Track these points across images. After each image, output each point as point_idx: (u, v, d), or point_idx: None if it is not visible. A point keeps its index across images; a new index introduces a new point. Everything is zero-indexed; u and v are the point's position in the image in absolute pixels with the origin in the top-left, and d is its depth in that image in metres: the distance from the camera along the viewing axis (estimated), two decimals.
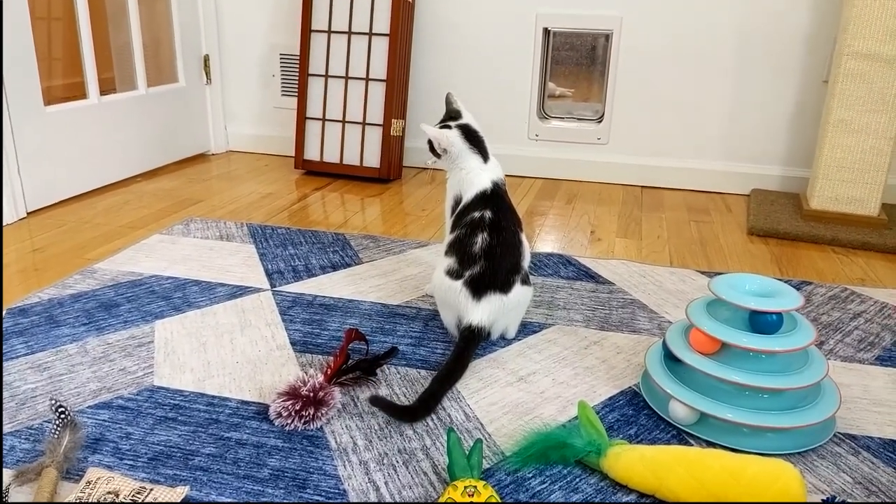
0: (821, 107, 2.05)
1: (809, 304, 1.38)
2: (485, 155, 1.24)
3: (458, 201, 1.21)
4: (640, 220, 1.92)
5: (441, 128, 1.24)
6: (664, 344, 1.04)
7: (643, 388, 1.06)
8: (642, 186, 2.26)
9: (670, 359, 1.02)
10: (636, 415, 1.00)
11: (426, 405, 0.99)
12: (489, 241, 1.12)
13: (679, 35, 2.12)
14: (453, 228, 1.19)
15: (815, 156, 1.92)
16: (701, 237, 1.79)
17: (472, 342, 1.10)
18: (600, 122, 2.26)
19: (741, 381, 0.93)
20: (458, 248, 1.14)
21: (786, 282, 1.44)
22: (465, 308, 1.11)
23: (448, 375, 1.04)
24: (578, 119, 2.30)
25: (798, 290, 1.42)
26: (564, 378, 1.09)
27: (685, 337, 1.02)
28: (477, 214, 1.15)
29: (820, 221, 1.85)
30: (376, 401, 0.97)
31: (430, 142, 1.25)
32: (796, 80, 2.07)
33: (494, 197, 1.18)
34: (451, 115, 1.28)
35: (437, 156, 1.24)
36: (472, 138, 1.24)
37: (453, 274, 1.13)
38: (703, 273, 1.52)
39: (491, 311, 1.11)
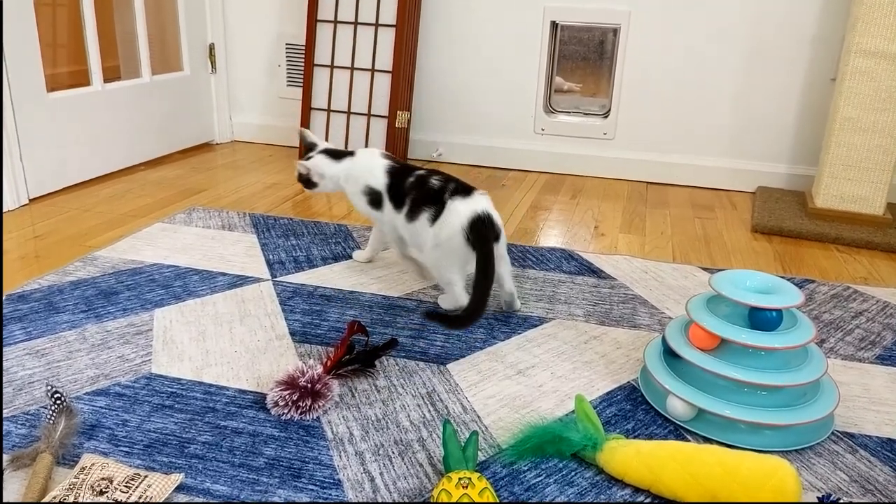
0: (828, 105, 2.03)
1: (811, 301, 1.37)
2: (350, 153, 1.41)
3: (371, 192, 1.34)
4: (644, 215, 1.91)
5: (306, 160, 1.40)
6: (663, 339, 1.03)
7: (641, 384, 1.05)
8: (647, 182, 2.24)
9: (669, 354, 1.02)
10: (634, 410, 1.00)
11: (474, 313, 1.11)
12: (434, 181, 1.27)
13: (687, 31, 2.10)
14: (405, 198, 1.29)
15: (822, 154, 1.90)
16: (705, 234, 1.78)
17: (488, 234, 1.17)
18: (607, 117, 2.25)
19: (739, 378, 0.92)
20: (425, 196, 1.25)
21: (788, 279, 1.43)
22: (459, 217, 1.19)
23: (483, 281, 1.12)
24: (585, 114, 2.29)
25: (800, 287, 1.42)
26: (563, 372, 1.09)
27: (685, 333, 1.01)
28: (412, 178, 1.30)
29: (824, 220, 1.83)
30: (430, 315, 1.11)
31: (301, 175, 1.40)
32: (803, 77, 2.06)
33: (399, 163, 1.37)
34: (310, 148, 1.44)
35: (315, 185, 1.40)
36: (334, 154, 1.41)
37: (437, 214, 1.23)
38: (705, 269, 1.52)
39: (471, 206, 1.20)
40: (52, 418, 0.88)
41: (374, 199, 1.34)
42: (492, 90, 2.30)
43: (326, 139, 2.25)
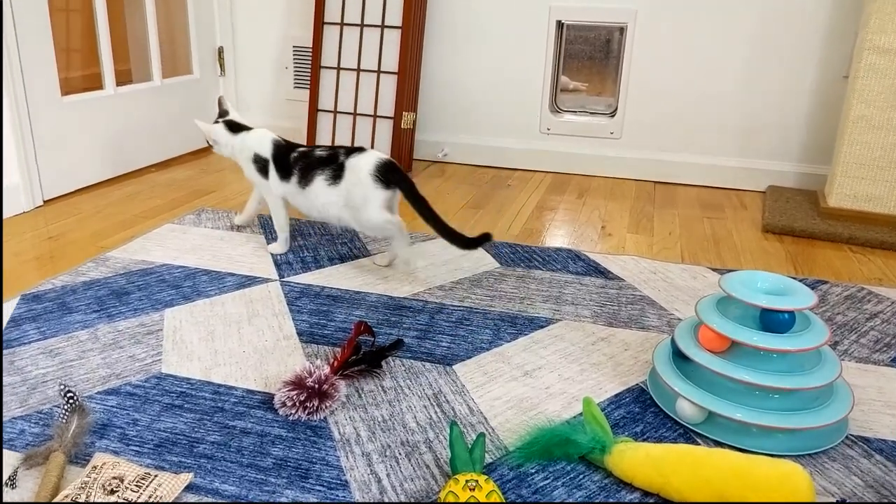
0: (840, 103, 2.02)
1: (824, 303, 1.36)
2: (248, 127, 1.58)
3: (260, 160, 1.51)
4: (652, 215, 1.90)
5: (212, 124, 1.59)
6: (673, 341, 1.03)
7: (650, 386, 1.05)
8: (655, 182, 2.23)
9: (679, 356, 1.01)
10: (643, 412, 1.00)
11: (454, 235, 1.36)
12: (320, 152, 1.46)
13: (695, 28, 2.09)
14: (293, 170, 1.47)
15: (834, 152, 1.89)
16: (714, 234, 1.76)
17: (397, 172, 1.38)
18: (613, 116, 2.24)
19: (751, 381, 0.91)
20: (316, 163, 1.44)
21: (801, 280, 1.42)
22: (362, 165, 1.38)
23: (426, 211, 1.37)
24: (591, 113, 2.28)
25: (813, 289, 1.40)
26: (570, 374, 1.09)
27: (694, 334, 1.01)
28: (295, 153, 1.48)
29: (837, 219, 1.82)
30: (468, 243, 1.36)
31: (206, 139, 1.60)
32: (815, 75, 2.04)
33: (287, 142, 1.54)
34: (221, 115, 1.61)
35: (211, 146, 1.60)
36: (234, 126, 1.57)
37: (338, 175, 1.41)
38: (715, 270, 1.51)
39: (370, 157, 1.39)
40: (65, 417, 0.89)
41: (262, 168, 1.51)
42: (497, 90, 2.30)
43: (333, 141, 2.25)
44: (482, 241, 1.36)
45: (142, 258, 1.47)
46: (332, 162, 1.42)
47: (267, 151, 1.51)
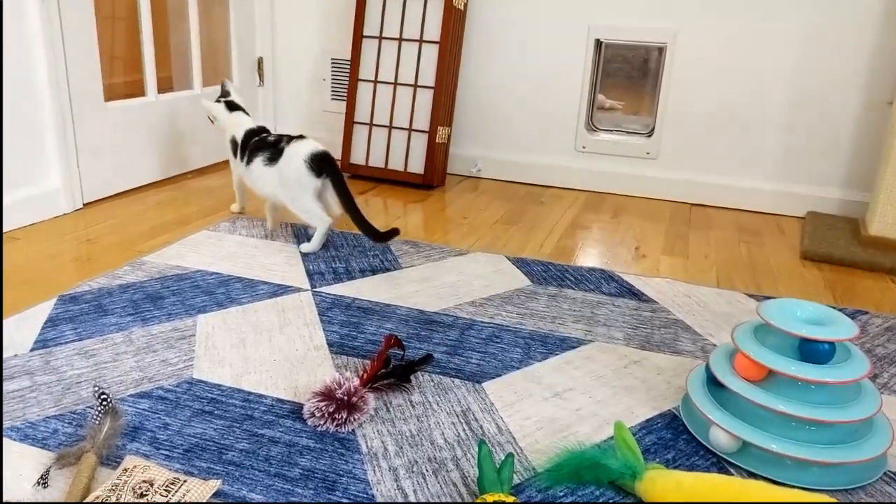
0: (884, 129, 1.97)
1: (864, 334, 1.32)
2: (245, 112, 1.79)
3: (234, 141, 1.74)
4: (687, 238, 1.87)
5: (216, 101, 1.81)
6: (707, 367, 1.01)
7: (683, 412, 1.03)
8: (691, 204, 2.21)
9: (713, 383, 0.99)
10: (675, 439, 0.98)
11: (367, 227, 1.56)
12: (271, 137, 1.67)
13: (735, 50, 2.07)
14: (248, 149, 1.68)
15: (877, 179, 1.84)
16: (751, 259, 1.73)
17: (329, 162, 1.57)
18: (650, 136, 2.22)
19: (787, 411, 0.89)
20: (261, 145, 1.64)
21: (840, 310, 1.38)
22: (299, 151, 1.57)
23: (348, 202, 1.56)
24: (627, 132, 2.27)
25: (852, 319, 1.37)
26: (602, 396, 1.07)
27: (730, 361, 0.99)
28: (256, 138, 1.69)
29: (879, 248, 1.77)
30: (379, 235, 1.57)
31: (207, 115, 1.83)
32: (859, 100, 2.00)
33: (261, 129, 1.73)
34: (224, 94, 1.82)
35: (212, 121, 1.82)
36: (232, 106, 1.79)
37: (275, 156, 1.61)
38: (751, 296, 1.48)
39: (307, 146, 1.58)
40: (98, 419, 0.90)
41: (234, 148, 1.74)
42: (533, 107, 2.30)
43: (368, 153, 2.27)
44: (390, 235, 1.57)
45: (177, 263, 1.49)
46: (273, 147, 1.62)
47: (239, 137, 1.72)
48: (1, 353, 1.12)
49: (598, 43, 2.20)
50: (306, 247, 1.60)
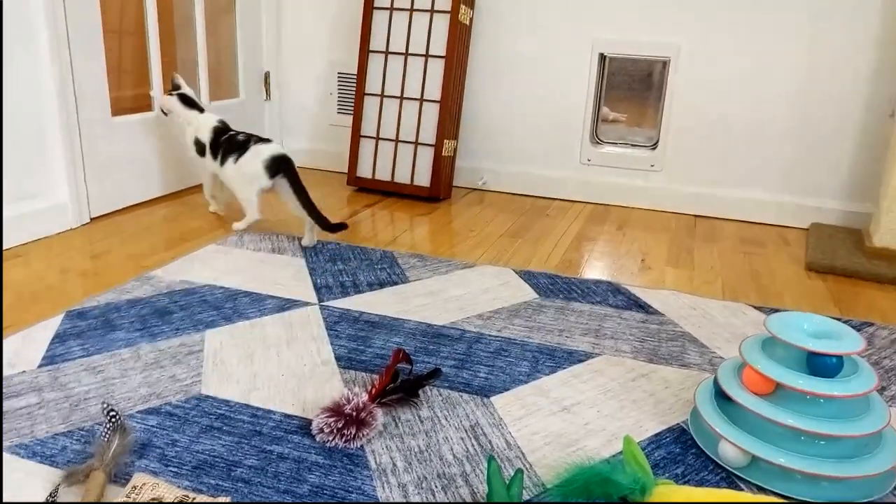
0: (886, 141, 1.98)
1: (870, 346, 1.32)
2: (200, 109, 1.91)
3: (199, 142, 1.86)
4: (692, 249, 1.87)
5: (168, 94, 1.91)
6: (715, 381, 1.01)
7: (692, 426, 1.03)
8: (696, 215, 2.21)
9: (721, 397, 0.99)
10: (683, 453, 0.97)
11: (322, 220, 1.72)
12: (241, 137, 1.81)
13: (739, 64, 2.08)
14: (221, 149, 1.82)
15: (880, 191, 1.84)
16: (755, 270, 1.73)
17: (289, 165, 1.73)
18: (654, 148, 2.23)
19: (796, 425, 0.89)
20: (233, 146, 1.79)
21: (846, 322, 1.38)
22: (260, 152, 1.74)
23: (303, 197, 1.71)
24: (632, 145, 2.27)
25: (859, 331, 1.37)
26: (610, 410, 1.07)
27: (738, 375, 0.99)
28: (225, 136, 1.82)
29: (883, 259, 1.77)
30: (330, 227, 1.74)
31: (160, 107, 1.95)
32: (861, 113, 2.01)
33: (225, 127, 1.86)
34: (175, 88, 1.91)
35: (165, 114, 1.94)
36: (188, 101, 1.90)
37: (241, 155, 1.77)
38: (756, 308, 1.48)
39: (269, 149, 1.75)
40: (107, 436, 0.90)
41: (200, 149, 1.87)
42: (538, 120, 2.31)
43: (374, 166, 2.28)
44: (340, 227, 1.75)
45: (184, 278, 1.50)
46: (243, 147, 1.77)
47: (205, 138, 1.85)
48: (1, 367, 1.12)
49: (603, 57, 2.21)
50: (238, 225, 1.83)
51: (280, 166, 1.73)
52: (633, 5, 2.14)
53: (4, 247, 1.64)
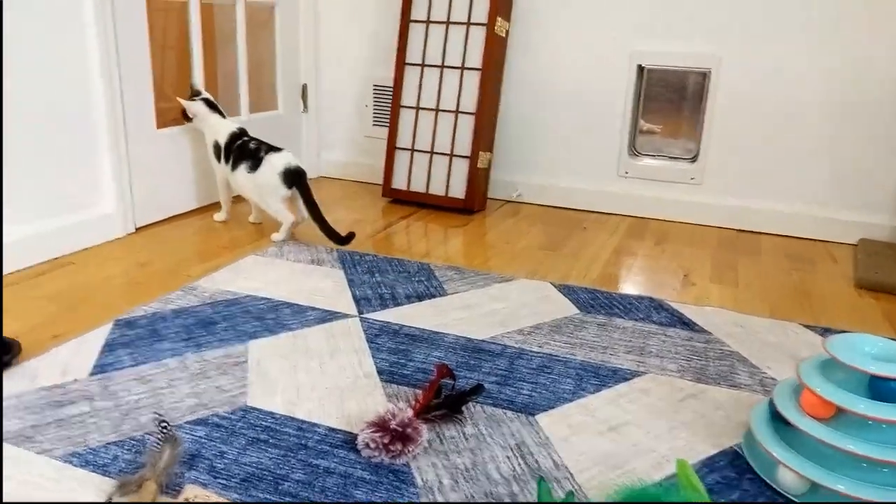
0: None
1: None
2: (222, 114, 1.96)
3: (217, 146, 1.93)
4: (735, 265, 1.84)
5: (189, 100, 1.96)
6: (771, 403, 0.98)
7: (746, 450, 1.00)
8: (738, 230, 2.17)
9: (778, 420, 0.96)
10: (738, 478, 0.95)
11: (329, 230, 1.79)
12: (252, 144, 1.88)
13: (782, 74, 2.04)
14: (232, 154, 1.89)
15: None
16: (803, 288, 1.69)
17: (302, 178, 1.81)
18: (694, 161, 2.20)
19: (858, 452, 0.86)
20: (244, 153, 1.86)
21: None
22: (275, 165, 1.81)
23: (313, 208, 1.80)
24: (671, 157, 2.24)
25: None
26: (659, 431, 1.05)
27: (795, 398, 0.96)
28: (239, 142, 1.89)
29: None
30: (338, 239, 1.81)
31: (183, 110, 1.96)
32: None
33: (241, 133, 1.92)
34: (195, 93, 1.97)
35: (190, 120, 1.96)
36: (212, 105, 1.95)
37: (255, 165, 1.84)
38: (807, 327, 1.44)
39: (283, 160, 1.82)
40: (158, 447, 0.91)
41: (217, 153, 1.93)
42: (574, 132, 2.30)
43: (409, 178, 2.29)
44: (349, 239, 1.79)
45: (227, 288, 1.52)
46: (255, 156, 1.84)
47: (222, 142, 1.91)
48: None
49: (641, 68, 2.19)
50: (276, 236, 1.86)
51: (294, 180, 1.81)
52: (674, 17, 2.12)
53: (56, 255, 1.68)
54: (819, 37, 1.99)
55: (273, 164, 1.81)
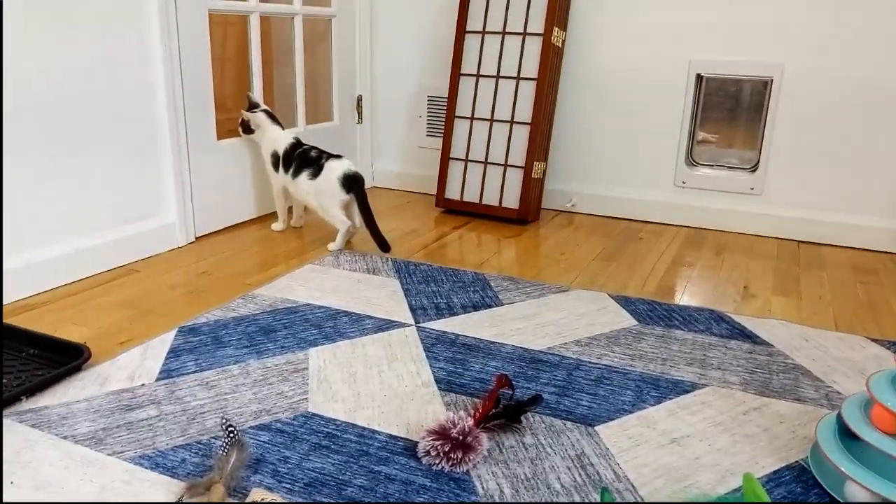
0: None
1: None
2: (280, 125, 2.05)
3: (276, 155, 2.01)
4: (797, 277, 1.79)
5: (250, 111, 2.03)
6: (839, 417, 0.95)
7: (813, 465, 0.97)
8: (799, 241, 2.11)
9: (846, 435, 0.93)
10: (805, 493, 0.92)
11: (380, 238, 1.87)
12: (313, 153, 1.95)
13: (846, 83, 1.98)
14: (291, 164, 1.97)
15: None
16: (870, 301, 1.63)
17: (360, 184, 1.88)
18: (754, 171, 2.15)
19: None
20: (306, 161, 1.94)
21: None
22: (335, 170, 1.89)
23: (367, 214, 1.87)
24: (729, 167, 2.20)
25: None
26: (722, 445, 1.03)
27: (865, 412, 0.93)
28: (300, 150, 1.97)
29: None
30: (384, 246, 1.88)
31: (243, 122, 2.04)
32: None
33: (299, 143, 2.00)
34: (254, 105, 2.05)
35: (252, 132, 2.04)
36: (272, 117, 2.04)
37: (317, 172, 1.91)
38: (874, 341, 1.39)
39: (342, 166, 1.90)
40: (226, 450, 0.93)
41: (275, 163, 2.01)
42: (630, 142, 2.27)
43: (463, 188, 2.30)
44: (388, 247, 1.87)
45: (286, 297, 1.55)
46: (316, 163, 1.91)
47: (281, 151, 1.99)
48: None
49: (700, 77, 2.16)
50: (333, 245, 1.90)
51: (352, 185, 1.88)
52: (734, 25, 2.08)
53: (122, 262, 1.75)
54: (886, 44, 1.92)
55: (333, 170, 1.89)
